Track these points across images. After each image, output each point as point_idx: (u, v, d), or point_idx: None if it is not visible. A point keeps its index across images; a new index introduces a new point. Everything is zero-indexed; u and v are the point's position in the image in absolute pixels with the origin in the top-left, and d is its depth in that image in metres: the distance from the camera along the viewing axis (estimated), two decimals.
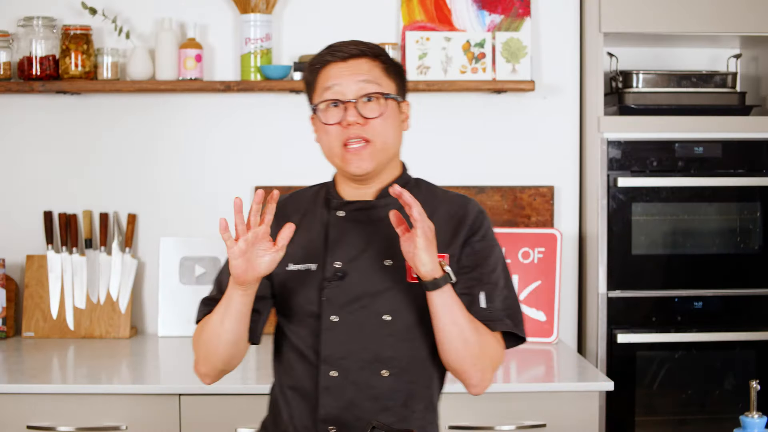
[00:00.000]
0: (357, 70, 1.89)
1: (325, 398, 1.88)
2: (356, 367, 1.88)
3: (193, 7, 3.36)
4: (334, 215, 1.93)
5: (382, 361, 1.88)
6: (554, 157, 3.41)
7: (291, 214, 1.96)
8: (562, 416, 2.74)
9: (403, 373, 1.89)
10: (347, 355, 1.88)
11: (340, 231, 1.92)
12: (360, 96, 1.88)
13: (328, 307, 1.88)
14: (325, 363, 1.88)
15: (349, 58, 1.90)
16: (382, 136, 1.89)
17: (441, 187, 2.02)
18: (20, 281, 3.36)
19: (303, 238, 1.93)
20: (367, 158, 1.88)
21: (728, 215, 3.25)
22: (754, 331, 3.23)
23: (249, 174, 3.37)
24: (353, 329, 1.88)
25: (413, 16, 3.34)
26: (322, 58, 1.92)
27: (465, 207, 1.95)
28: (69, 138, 3.37)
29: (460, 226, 1.93)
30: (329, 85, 1.89)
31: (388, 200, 1.92)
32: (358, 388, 1.88)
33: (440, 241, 1.88)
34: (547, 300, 3.24)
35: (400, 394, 1.89)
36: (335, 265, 1.89)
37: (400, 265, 1.88)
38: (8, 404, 2.70)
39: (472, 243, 1.92)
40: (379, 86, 1.90)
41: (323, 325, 1.88)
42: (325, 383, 1.88)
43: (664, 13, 3.19)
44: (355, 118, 1.87)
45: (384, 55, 1.94)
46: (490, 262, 1.93)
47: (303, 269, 1.92)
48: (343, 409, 1.88)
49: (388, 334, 1.86)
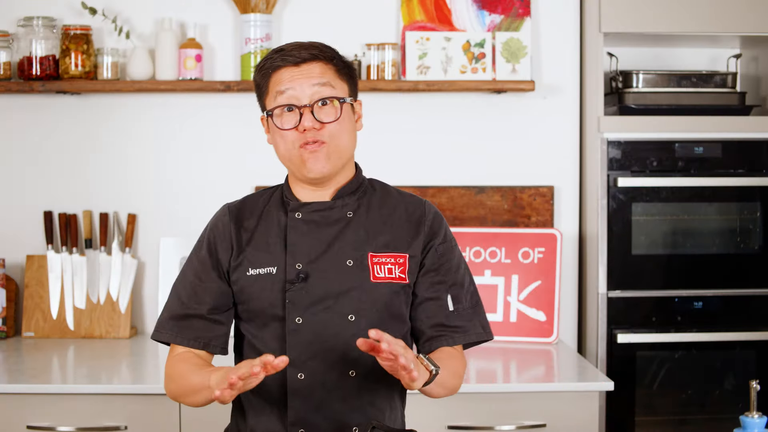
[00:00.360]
0: (310, 74, 1.88)
1: (294, 401, 1.89)
2: (323, 369, 1.88)
3: (193, 7, 3.36)
4: (292, 217, 1.93)
5: (349, 362, 1.89)
6: (554, 157, 3.42)
7: (246, 219, 1.97)
8: (562, 416, 2.74)
9: (369, 373, 1.90)
10: (314, 356, 1.88)
11: (299, 233, 1.92)
12: (315, 101, 1.87)
13: (292, 310, 1.88)
14: (292, 366, 1.87)
15: (301, 62, 1.88)
16: (337, 138, 1.89)
17: (394, 187, 2.04)
18: (20, 281, 3.36)
19: (261, 242, 1.93)
20: (323, 160, 1.88)
21: (728, 215, 3.25)
22: (754, 331, 3.23)
23: (249, 174, 3.37)
24: (318, 330, 1.88)
25: (413, 16, 3.34)
26: (273, 62, 1.90)
27: (422, 208, 1.97)
28: (69, 138, 3.37)
29: (419, 227, 1.94)
30: (282, 89, 1.88)
31: (345, 200, 1.93)
32: (326, 389, 1.89)
33: (400, 241, 1.92)
34: (547, 300, 3.24)
35: (367, 393, 1.91)
36: (297, 267, 1.89)
37: (362, 265, 1.89)
38: (8, 404, 2.70)
39: (435, 246, 1.95)
40: (334, 89, 1.89)
41: (288, 328, 1.88)
42: (293, 386, 1.89)
43: (664, 13, 3.19)
44: (311, 123, 1.86)
45: (337, 57, 1.93)
46: (453, 263, 1.96)
47: (263, 273, 1.91)
48: (312, 411, 1.89)
49: (353, 334, 1.86)
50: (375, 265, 1.90)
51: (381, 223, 1.94)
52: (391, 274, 1.91)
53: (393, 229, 1.93)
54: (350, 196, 1.94)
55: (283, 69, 1.89)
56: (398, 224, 1.93)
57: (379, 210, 1.95)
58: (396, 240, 1.92)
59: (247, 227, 1.96)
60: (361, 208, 1.95)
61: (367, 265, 1.89)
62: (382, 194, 1.99)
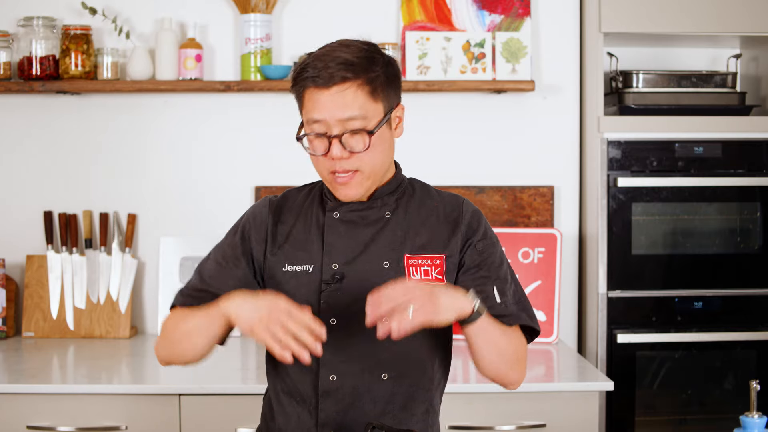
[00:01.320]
0: (341, 102, 1.79)
1: (325, 402, 1.87)
2: (356, 371, 1.87)
3: (193, 6, 3.36)
4: (330, 216, 1.91)
5: (382, 365, 1.87)
6: (554, 157, 3.42)
7: (285, 214, 1.95)
8: (562, 416, 2.74)
9: (402, 377, 1.88)
10: (347, 358, 1.86)
11: (336, 232, 1.90)
12: (344, 131, 1.80)
13: (326, 310, 1.87)
14: (324, 367, 1.86)
15: (332, 84, 1.79)
16: (369, 163, 1.84)
17: (434, 187, 2.01)
18: (20, 281, 3.36)
19: (298, 239, 1.92)
20: (356, 186, 1.85)
21: (728, 215, 3.25)
22: (754, 331, 3.23)
23: (249, 174, 3.37)
24: (352, 332, 1.86)
25: (413, 16, 3.34)
26: (305, 81, 1.82)
27: (460, 207, 1.94)
28: (69, 138, 3.37)
29: (457, 227, 1.92)
30: (314, 118, 1.81)
31: (384, 200, 1.91)
32: (357, 391, 1.87)
33: (437, 242, 1.89)
34: (547, 300, 3.24)
35: (399, 397, 1.88)
36: (333, 267, 1.88)
37: (398, 267, 1.87)
38: (8, 404, 2.70)
39: (474, 243, 1.91)
40: (365, 119, 1.80)
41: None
42: (324, 387, 1.87)
43: (664, 13, 3.19)
44: (339, 153, 1.80)
45: (371, 70, 1.81)
46: (495, 258, 1.92)
47: (300, 270, 1.90)
48: (342, 413, 1.87)
49: (387, 338, 1.86)
50: (411, 267, 1.88)
51: (419, 224, 1.91)
52: (428, 276, 1.88)
53: (431, 229, 1.90)
54: (389, 196, 1.91)
55: (315, 90, 1.80)
56: (436, 224, 1.90)
57: (418, 210, 1.93)
58: (433, 241, 1.89)
59: (285, 222, 1.93)
60: (399, 208, 1.91)
61: (403, 267, 1.87)
62: (421, 194, 1.96)
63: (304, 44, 3.35)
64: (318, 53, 1.84)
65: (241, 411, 2.67)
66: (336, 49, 1.83)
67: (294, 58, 3.35)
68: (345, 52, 1.82)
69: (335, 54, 1.81)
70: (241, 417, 2.66)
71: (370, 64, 1.82)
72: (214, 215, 3.31)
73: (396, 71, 1.88)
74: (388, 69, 1.86)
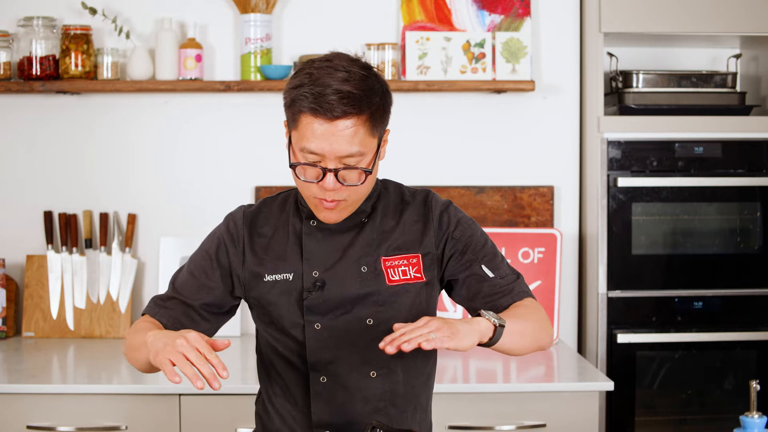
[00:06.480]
0: (342, 139, 1.74)
1: (317, 404, 1.91)
2: (345, 371, 1.90)
3: (193, 6, 3.36)
4: (308, 224, 1.92)
5: (369, 363, 1.90)
6: (554, 157, 3.42)
7: (261, 225, 1.95)
8: (562, 416, 2.74)
9: (390, 374, 1.91)
10: (334, 359, 1.89)
11: (314, 239, 1.91)
12: (341, 167, 1.78)
13: (310, 316, 1.89)
14: (314, 369, 1.90)
15: (333, 118, 1.73)
16: (358, 194, 1.85)
17: (405, 186, 2.01)
18: (20, 281, 3.36)
19: (277, 249, 1.93)
20: (340, 212, 1.86)
21: (728, 215, 3.25)
22: (754, 331, 3.23)
23: (249, 174, 3.37)
24: (338, 334, 1.89)
25: (413, 16, 3.34)
26: (301, 101, 1.75)
27: (429, 203, 1.95)
28: (69, 138, 3.37)
29: (428, 223, 1.94)
30: (311, 149, 1.76)
31: (361, 206, 1.92)
32: (348, 391, 1.90)
33: (411, 241, 1.91)
34: (547, 300, 3.24)
35: (389, 394, 1.91)
36: (314, 275, 1.89)
37: (376, 270, 1.89)
38: (8, 404, 2.70)
39: (450, 234, 1.93)
40: (362, 156, 1.77)
41: (307, 334, 1.89)
42: (315, 389, 1.90)
43: (664, 13, 3.19)
44: (333, 185, 1.78)
45: (371, 103, 1.77)
46: (475, 239, 1.94)
47: (280, 279, 1.91)
48: (335, 414, 1.90)
49: (372, 338, 1.86)
50: (389, 269, 1.90)
51: (393, 225, 1.93)
52: (406, 276, 1.91)
53: (404, 229, 1.93)
54: (366, 202, 1.93)
55: (313, 119, 1.74)
56: (409, 224, 1.93)
57: (392, 212, 1.95)
58: (408, 240, 1.92)
59: (262, 233, 1.94)
60: (375, 211, 1.93)
61: (381, 269, 1.89)
62: (394, 196, 1.97)
63: (304, 44, 3.36)
64: (317, 75, 1.76)
65: (241, 411, 2.67)
66: (335, 73, 1.76)
67: (294, 58, 3.36)
68: (346, 82, 1.75)
69: (336, 85, 1.74)
70: (241, 417, 2.67)
71: (370, 96, 1.77)
72: (214, 215, 3.30)
73: (390, 97, 1.84)
74: (385, 98, 1.82)
